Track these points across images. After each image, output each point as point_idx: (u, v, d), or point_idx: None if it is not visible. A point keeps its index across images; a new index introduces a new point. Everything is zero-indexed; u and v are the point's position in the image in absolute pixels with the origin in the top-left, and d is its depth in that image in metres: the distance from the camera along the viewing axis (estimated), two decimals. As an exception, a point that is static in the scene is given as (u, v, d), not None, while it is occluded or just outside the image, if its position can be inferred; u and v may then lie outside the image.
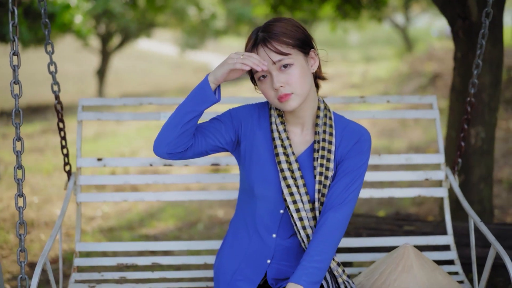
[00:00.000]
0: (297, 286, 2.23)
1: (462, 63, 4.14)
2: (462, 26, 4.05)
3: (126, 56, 23.60)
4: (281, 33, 2.27)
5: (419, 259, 2.62)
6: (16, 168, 2.51)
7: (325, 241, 2.30)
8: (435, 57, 13.31)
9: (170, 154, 2.33)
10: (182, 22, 18.82)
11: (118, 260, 3.12)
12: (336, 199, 2.34)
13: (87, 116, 3.22)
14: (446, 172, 3.21)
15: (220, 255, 2.58)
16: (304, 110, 2.38)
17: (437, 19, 28.32)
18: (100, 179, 3.24)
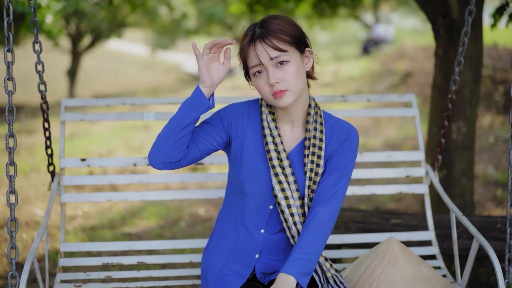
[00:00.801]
0: (288, 276, 2.26)
1: (443, 60, 4.23)
2: (443, 24, 4.13)
3: (96, 57, 23.46)
4: (278, 30, 2.29)
5: (404, 253, 2.67)
6: (8, 165, 2.50)
7: (315, 234, 2.33)
8: (406, 55, 13.48)
9: (166, 164, 2.34)
10: (154, 22, 18.78)
11: (104, 259, 3.10)
12: (325, 194, 2.38)
13: (71, 116, 3.19)
14: (426, 168, 3.26)
15: (207, 251, 2.59)
16: (296, 107, 2.41)
17: (406, 18, 28.68)
18: (85, 179, 3.21)
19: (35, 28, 2.98)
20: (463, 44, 3.21)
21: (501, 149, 7.70)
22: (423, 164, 3.27)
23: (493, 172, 6.76)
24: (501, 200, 5.83)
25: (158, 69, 25.06)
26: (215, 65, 2.35)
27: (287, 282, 2.26)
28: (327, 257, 2.51)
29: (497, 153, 7.52)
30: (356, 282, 2.63)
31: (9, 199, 2.48)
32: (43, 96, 3.09)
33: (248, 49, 2.32)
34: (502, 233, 3.39)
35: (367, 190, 3.24)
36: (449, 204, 3.01)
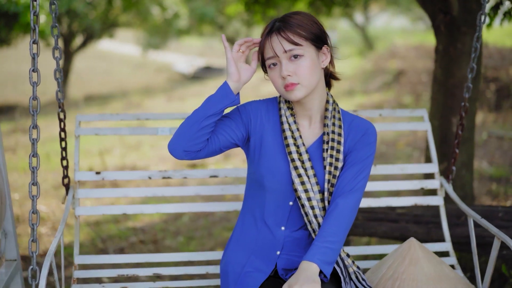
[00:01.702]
0: (311, 264, 2.25)
1: (444, 56, 4.34)
2: (443, 20, 4.24)
3: (87, 57, 23.47)
4: (296, 25, 2.34)
5: (425, 253, 2.68)
6: (31, 156, 2.51)
7: (336, 224, 2.33)
8: (398, 54, 13.62)
9: (186, 152, 2.38)
10: (145, 22, 18.82)
11: (119, 271, 3.07)
12: (345, 186, 2.40)
13: (86, 131, 3.20)
14: (440, 181, 3.28)
15: (228, 250, 2.60)
16: (312, 102, 2.45)
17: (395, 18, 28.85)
18: (99, 193, 3.21)
19: (56, 35, 3.01)
20: (475, 50, 3.21)
21: (494, 145, 7.85)
22: (437, 177, 3.29)
23: (487, 167, 6.89)
24: (496, 194, 5.95)
25: (150, 69, 25.09)
26: (242, 64, 2.43)
27: (309, 269, 2.24)
28: (349, 253, 2.53)
29: (491, 149, 7.66)
30: (378, 283, 2.64)
31: (31, 190, 2.49)
32: (61, 105, 3.10)
33: (265, 41, 2.39)
34: (505, 222, 3.51)
35: (382, 202, 3.26)
36: (467, 211, 3.00)
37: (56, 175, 7.76)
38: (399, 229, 3.76)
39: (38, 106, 2.57)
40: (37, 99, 2.56)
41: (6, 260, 3.06)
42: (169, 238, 5.37)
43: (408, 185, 3.29)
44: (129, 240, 5.33)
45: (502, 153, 7.55)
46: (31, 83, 2.55)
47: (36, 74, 2.57)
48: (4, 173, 2.94)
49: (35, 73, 2.57)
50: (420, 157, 7.69)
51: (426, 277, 2.59)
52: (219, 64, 24.18)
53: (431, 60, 12.93)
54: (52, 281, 3.98)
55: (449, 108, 4.31)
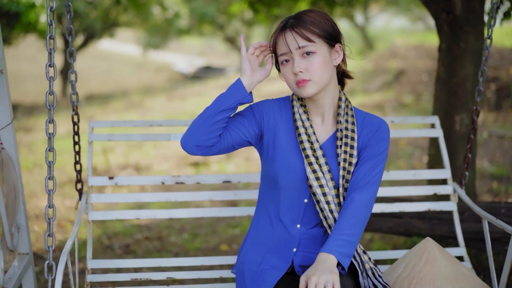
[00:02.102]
0: (328, 255, 2.27)
1: (447, 54, 4.39)
2: (446, 20, 4.30)
3: (87, 56, 23.49)
4: (309, 22, 2.39)
5: (442, 252, 2.70)
6: (48, 150, 2.54)
7: (353, 218, 2.35)
8: (398, 54, 13.68)
9: (198, 147, 2.41)
10: (146, 21, 18.86)
11: (133, 275, 3.10)
12: (360, 181, 2.42)
13: (99, 137, 3.23)
14: (453, 186, 3.30)
15: (243, 250, 2.62)
16: (325, 99, 2.48)
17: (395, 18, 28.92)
18: (112, 197, 3.25)
19: (70, 36, 3.03)
20: (486, 53, 3.21)
21: (495, 144, 7.91)
22: (450, 182, 3.32)
23: (488, 166, 6.95)
24: (497, 192, 6.00)
25: (150, 69, 25.14)
26: (256, 65, 2.49)
27: (327, 261, 2.26)
28: (365, 250, 2.54)
29: (492, 148, 7.72)
30: (395, 282, 2.65)
31: (47, 185, 2.50)
32: (75, 108, 3.12)
33: (279, 37, 2.44)
34: (507, 217, 3.57)
35: (395, 208, 3.28)
36: (482, 213, 3.01)
37: (59, 173, 7.82)
38: (403, 224, 3.81)
39: (55, 100, 2.59)
40: (54, 93, 2.59)
41: (19, 254, 3.11)
42: (174, 235, 5.42)
43: (421, 190, 3.30)
44: (135, 237, 5.37)
45: (503, 152, 7.61)
46: (48, 77, 2.57)
47: (52, 69, 2.60)
48: (17, 168, 3.00)
49: (52, 68, 2.59)
50: (421, 155, 7.75)
51: (444, 276, 2.60)
52: (219, 64, 24.23)
53: (432, 60, 12.99)
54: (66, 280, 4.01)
55: (452, 106, 4.37)
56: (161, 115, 12.41)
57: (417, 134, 3.46)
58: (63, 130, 11.32)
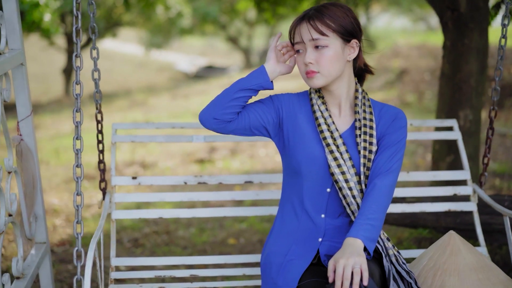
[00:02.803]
0: (355, 239, 2.32)
1: (451, 51, 4.48)
2: (451, 17, 4.39)
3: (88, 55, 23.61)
4: (328, 16, 2.44)
5: (465, 244, 2.73)
6: (75, 139, 2.60)
7: (376, 203, 2.42)
8: (400, 53, 13.75)
9: (216, 120, 2.48)
10: (149, 21, 18.95)
11: (156, 273, 3.12)
12: (382, 167, 2.48)
13: (122, 138, 3.29)
14: (473, 187, 3.34)
15: (269, 242, 2.66)
16: (340, 90, 2.54)
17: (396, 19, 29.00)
18: (136, 197, 3.27)
19: (93, 34, 3.09)
20: (500, 52, 3.25)
21: (497, 142, 7.99)
22: (470, 183, 3.36)
23: (490, 163, 7.02)
24: (499, 189, 6.07)
25: (152, 68, 25.22)
26: (280, 59, 2.58)
27: (354, 245, 2.31)
28: (389, 237, 2.59)
29: (494, 146, 7.79)
30: (420, 273, 2.69)
31: (75, 172, 2.56)
32: (98, 106, 3.17)
33: (296, 26, 2.52)
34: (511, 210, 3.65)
35: (416, 208, 3.32)
36: (504, 210, 3.06)
37: (66, 170, 7.90)
38: (409, 216, 3.90)
39: (81, 90, 2.64)
40: (80, 83, 2.65)
41: (36, 243, 3.19)
42: (181, 229, 5.50)
43: (440, 191, 3.34)
44: (143, 231, 5.46)
45: (505, 149, 7.70)
46: (75, 67, 2.64)
47: (79, 59, 2.66)
48: (36, 159, 3.08)
49: (78, 58, 2.67)
50: (424, 153, 7.82)
51: (468, 267, 2.64)
52: (221, 64, 24.32)
53: (434, 59, 13.07)
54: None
55: (456, 102, 4.45)
56: (165, 113, 12.50)
57: (436, 137, 3.53)
58: (67, 128, 11.43)
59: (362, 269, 2.24)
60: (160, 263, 3.20)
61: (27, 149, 3.01)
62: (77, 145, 2.59)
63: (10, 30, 2.88)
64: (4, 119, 2.70)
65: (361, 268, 2.24)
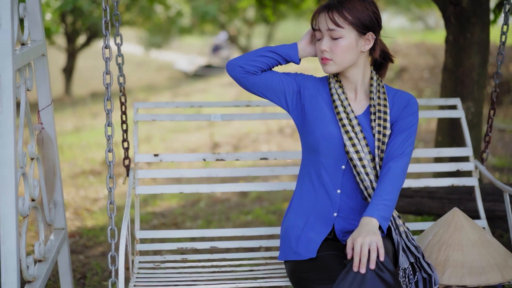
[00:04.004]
0: (371, 219, 2.50)
1: (453, 45, 4.58)
2: (454, 12, 4.50)
3: (89, 55, 23.64)
4: (346, 8, 2.59)
5: (469, 221, 2.88)
6: (107, 125, 2.79)
7: (391, 184, 2.58)
8: (399, 52, 13.85)
9: (241, 69, 2.66)
10: (149, 20, 19.01)
11: (179, 245, 3.31)
12: (396, 151, 2.65)
13: (144, 117, 3.44)
14: (475, 163, 3.50)
15: (287, 216, 2.84)
16: (356, 77, 2.70)
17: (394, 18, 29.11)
18: (158, 173, 3.43)
19: (117, 22, 3.15)
20: (500, 55, 3.49)
21: (496, 137, 8.12)
22: (472, 159, 3.53)
23: (490, 158, 7.15)
24: (499, 182, 6.20)
25: (151, 68, 25.30)
26: (313, 43, 2.75)
27: (370, 224, 2.49)
28: (400, 215, 2.78)
29: (493, 141, 7.92)
30: (425, 248, 2.85)
31: (107, 156, 2.75)
32: (122, 89, 3.31)
33: (317, 14, 2.68)
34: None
35: (421, 183, 3.48)
36: (504, 187, 3.21)
37: (71, 166, 8.01)
38: (415, 204, 4.01)
39: (111, 79, 2.82)
40: (110, 73, 2.83)
41: (55, 229, 3.30)
42: (188, 221, 5.61)
43: (445, 167, 3.53)
44: (151, 223, 5.56)
45: (504, 144, 7.83)
46: (104, 58, 2.82)
47: (108, 50, 2.84)
48: (55, 147, 3.19)
49: (107, 49, 2.85)
50: (429, 142, 7.93)
51: (471, 242, 2.80)
52: (219, 63, 24.41)
53: (433, 57, 13.19)
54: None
55: (458, 95, 4.55)
56: (168, 112, 12.58)
57: (440, 115, 3.70)
58: (69, 126, 11.52)
59: (378, 246, 2.41)
60: (182, 235, 3.39)
61: (48, 138, 3.12)
62: (108, 131, 2.78)
63: (33, 21, 2.98)
64: (28, 107, 2.81)
65: (377, 245, 2.41)
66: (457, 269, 2.74)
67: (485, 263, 2.75)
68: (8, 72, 2.39)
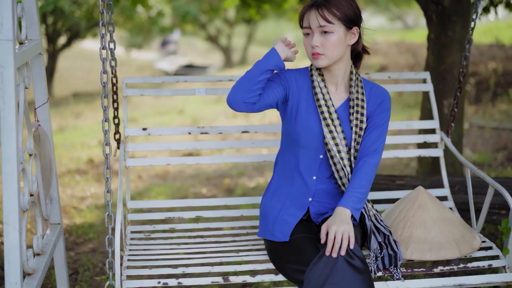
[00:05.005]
0: (345, 209, 2.76)
1: (435, 43, 4.72)
2: (435, 11, 4.63)
3: (69, 56, 23.60)
4: (334, 4, 2.77)
5: (431, 199, 3.13)
6: (104, 121, 2.89)
7: (365, 178, 2.84)
8: (379, 51, 14.03)
9: (245, 104, 2.78)
10: (130, 20, 19.01)
11: (167, 214, 3.58)
12: (370, 147, 2.89)
13: (132, 92, 3.62)
14: (441, 135, 3.74)
15: (266, 198, 3.06)
16: (338, 71, 2.88)
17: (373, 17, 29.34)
18: (146, 146, 3.65)
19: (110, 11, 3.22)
20: (468, 41, 3.75)
21: (476, 134, 8.28)
22: (438, 132, 3.74)
23: (470, 154, 7.30)
24: (479, 178, 6.34)
25: (132, 67, 25.27)
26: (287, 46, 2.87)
27: (344, 214, 2.75)
28: (369, 200, 3.03)
29: (473, 137, 8.08)
30: (391, 224, 3.09)
31: (104, 150, 2.86)
32: (114, 71, 3.46)
33: (305, 13, 2.83)
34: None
35: (391, 154, 3.70)
36: (465, 162, 3.47)
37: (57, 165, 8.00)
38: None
39: (108, 78, 2.93)
40: (107, 72, 2.92)
41: (51, 224, 3.37)
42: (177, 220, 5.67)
43: (413, 139, 3.76)
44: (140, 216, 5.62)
45: (484, 141, 7.98)
46: (101, 59, 2.88)
47: (105, 51, 2.94)
48: (51, 143, 3.26)
49: (104, 50, 2.94)
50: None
51: (432, 219, 3.05)
52: (200, 62, 24.47)
53: (412, 56, 13.36)
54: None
55: (440, 91, 4.68)
56: (150, 111, 12.67)
57: (410, 89, 3.89)
58: (53, 126, 11.52)
59: (350, 235, 2.68)
60: (170, 205, 3.64)
61: (44, 134, 3.19)
62: (105, 127, 2.88)
63: (30, 21, 3.05)
64: (26, 105, 2.88)
65: (349, 234, 2.68)
66: (419, 245, 2.99)
67: (445, 239, 3.00)
68: (10, 70, 2.46)
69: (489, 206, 3.26)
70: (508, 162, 6.84)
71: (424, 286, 2.91)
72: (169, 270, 2.97)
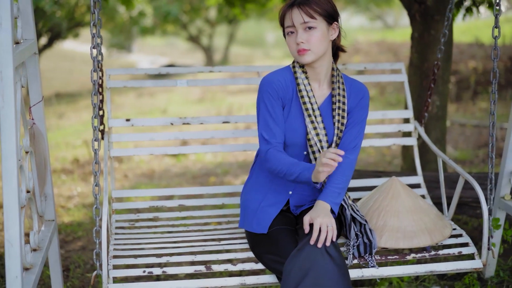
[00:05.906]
0: (324, 203, 2.89)
1: (419, 42, 4.82)
2: (418, 10, 4.73)
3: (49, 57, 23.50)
4: (313, 2, 2.86)
5: (405, 189, 3.25)
6: (94, 117, 2.93)
7: (344, 174, 2.97)
8: (361, 50, 14.17)
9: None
10: (111, 21, 18.98)
11: (150, 203, 3.71)
12: (350, 144, 3.00)
13: (115, 84, 3.72)
14: (414, 124, 3.89)
15: (247, 188, 3.15)
16: (322, 68, 2.96)
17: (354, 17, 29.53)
18: (130, 137, 3.72)
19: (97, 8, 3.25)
20: (444, 35, 3.88)
21: (457, 131, 8.43)
22: (412, 121, 3.90)
23: (452, 151, 7.43)
24: (461, 174, 6.47)
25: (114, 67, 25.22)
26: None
27: (324, 207, 2.88)
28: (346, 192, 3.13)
29: (454, 135, 8.22)
30: (366, 213, 3.21)
31: (93, 145, 2.90)
32: (100, 65, 3.41)
33: (287, 12, 2.91)
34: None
35: (366, 143, 3.84)
36: (436, 151, 3.62)
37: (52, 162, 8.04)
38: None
39: (97, 76, 3.02)
40: (97, 71, 2.98)
41: (46, 221, 3.42)
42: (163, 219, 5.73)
43: (389, 128, 3.91)
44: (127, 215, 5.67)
45: (465, 138, 8.12)
46: (92, 58, 2.95)
47: (96, 50, 3.00)
48: (46, 140, 3.31)
49: (95, 49, 3.00)
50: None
51: (406, 209, 3.16)
52: (181, 62, 24.50)
53: (393, 55, 13.51)
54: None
55: (424, 89, 4.78)
56: (133, 111, 12.70)
57: (385, 79, 4.03)
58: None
59: (333, 228, 2.80)
60: (154, 194, 3.82)
61: (39, 133, 3.24)
62: (95, 123, 2.94)
63: (25, 21, 3.10)
64: (23, 103, 2.93)
65: (332, 227, 2.80)
66: (393, 233, 3.10)
67: (417, 227, 3.11)
68: (9, 69, 2.51)
69: (459, 196, 3.43)
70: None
71: (397, 273, 3.03)
72: (153, 259, 3.06)
